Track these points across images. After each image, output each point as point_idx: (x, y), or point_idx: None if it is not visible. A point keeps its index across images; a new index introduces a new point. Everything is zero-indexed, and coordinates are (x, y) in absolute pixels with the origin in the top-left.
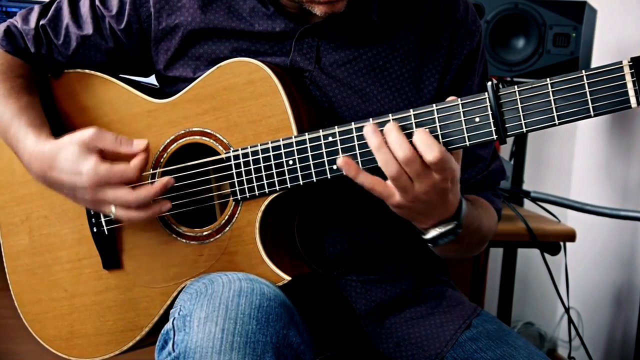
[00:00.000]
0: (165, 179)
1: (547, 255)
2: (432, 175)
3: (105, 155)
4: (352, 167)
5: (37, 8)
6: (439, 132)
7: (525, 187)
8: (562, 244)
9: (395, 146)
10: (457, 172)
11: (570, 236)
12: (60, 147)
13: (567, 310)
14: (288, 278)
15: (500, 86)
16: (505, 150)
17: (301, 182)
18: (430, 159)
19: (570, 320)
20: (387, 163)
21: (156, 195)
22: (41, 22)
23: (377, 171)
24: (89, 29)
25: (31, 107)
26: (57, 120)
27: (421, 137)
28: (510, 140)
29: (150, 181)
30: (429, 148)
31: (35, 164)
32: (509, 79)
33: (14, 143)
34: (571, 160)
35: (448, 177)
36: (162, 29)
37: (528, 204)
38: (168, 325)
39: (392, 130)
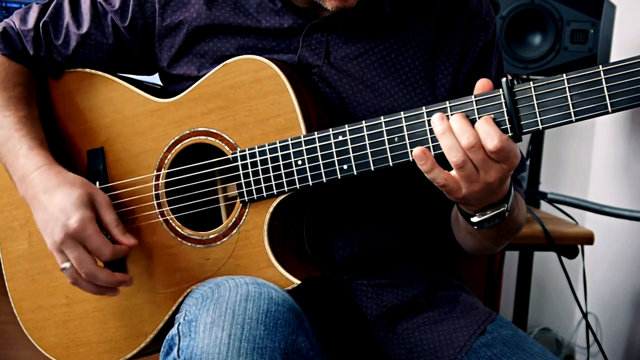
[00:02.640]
0: (127, 276)
1: (564, 259)
2: (498, 165)
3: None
4: (429, 160)
5: (35, 7)
6: None
7: (541, 188)
8: (580, 247)
9: (460, 132)
10: (519, 159)
11: (589, 239)
12: (70, 182)
13: (585, 315)
14: (297, 282)
15: (515, 82)
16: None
17: (310, 183)
18: (490, 147)
19: (588, 326)
20: (452, 148)
21: (110, 285)
22: (40, 22)
23: (390, 172)
24: (89, 27)
25: (31, 121)
26: (58, 121)
27: (482, 124)
28: (526, 139)
29: (111, 272)
30: (488, 136)
31: (34, 179)
32: (525, 76)
33: (11, 156)
34: (589, 160)
35: (514, 165)
36: (166, 25)
37: (545, 206)
38: (173, 331)
39: (458, 117)
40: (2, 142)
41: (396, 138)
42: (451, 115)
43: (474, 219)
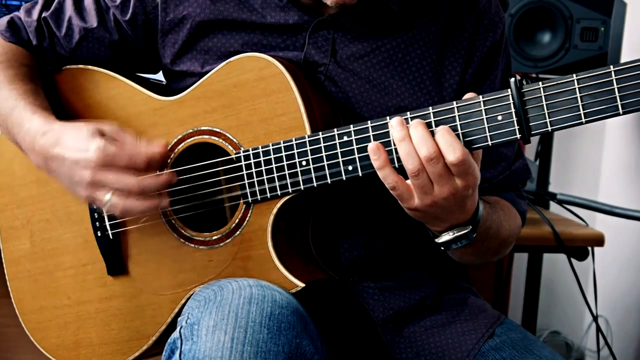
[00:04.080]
0: (171, 172)
1: (574, 261)
2: (454, 181)
3: None
4: (382, 156)
5: (40, 1)
6: (460, 131)
7: (551, 189)
8: (590, 248)
9: (419, 141)
10: (478, 180)
11: (599, 240)
12: (73, 126)
13: (595, 318)
14: (302, 284)
15: (524, 82)
16: (530, 151)
17: (315, 184)
18: (452, 159)
19: (598, 329)
20: (409, 156)
21: (160, 187)
22: (44, 14)
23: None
24: (92, 21)
25: (37, 92)
26: (60, 119)
27: (444, 135)
28: (535, 140)
29: (153, 175)
30: (450, 147)
31: (39, 141)
32: (534, 75)
33: (17, 123)
34: (599, 160)
35: (470, 185)
36: (169, 20)
37: (554, 207)
38: (175, 334)
39: (417, 126)
40: (8, 113)
41: None
42: (411, 121)
43: (438, 240)
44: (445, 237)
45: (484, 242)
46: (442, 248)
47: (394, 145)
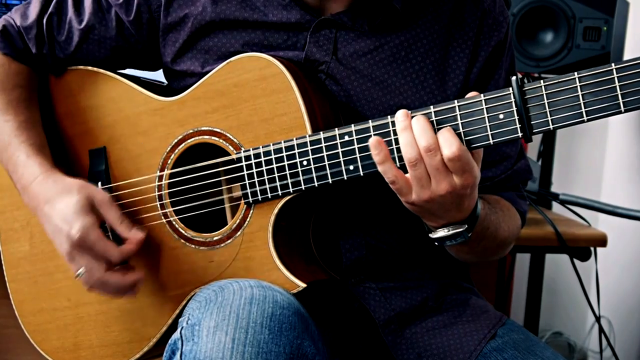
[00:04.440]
0: (139, 275)
1: (576, 261)
2: (452, 178)
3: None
4: (383, 151)
5: (35, 2)
6: (461, 130)
7: (553, 189)
8: (592, 249)
9: (419, 132)
10: (477, 179)
11: (601, 241)
12: (67, 189)
13: (597, 319)
14: (303, 285)
15: (526, 81)
16: (532, 151)
17: (316, 184)
18: (447, 153)
19: (601, 330)
20: (409, 145)
21: (123, 288)
22: (44, 17)
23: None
24: (92, 21)
25: (31, 125)
26: (59, 120)
27: (443, 132)
28: (537, 139)
29: (124, 270)
30: (447, 142)
31: (33, 189)
32: (536, 75)
33: (12, 163)
34: (602, 160)
35: (468, 184)
36: (171, 19)
37: (557, 207)
38: (176, 335)
39: (420, 118)
40: (2, 149)
41: None
42: (414, 116)
43: (433, 235)
44: (440, 233)
45: (480, 241)
46: (437, 243)
47: (395, 143)
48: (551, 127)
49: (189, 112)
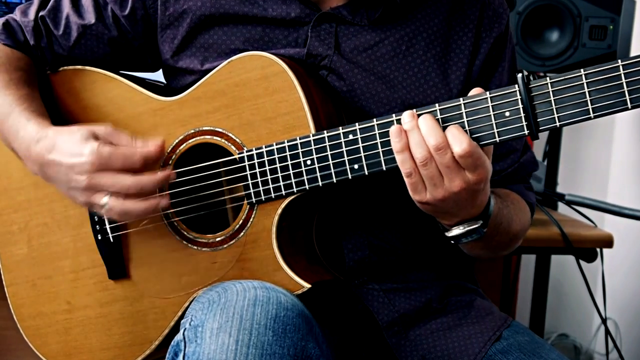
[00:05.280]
0: (169, 170)
1: (582, 262)
2: (465, 174)
3: None
4: (403, 140)
5: (36, 1)
6: (467, 128)
7: (559, 189)
8: (598, 250)
9: (427, 131)
10: (490, 173)
11: (608, 242)
12: (67, 130)
13: (604, 320)
14: (308, 285)
15: (531, 78)
16: (538, 151)
17: (320, 184)
18: (458, 150)
19: (607, 332)
20: (418, 145)
21: (158, 185)
22: (41, 13)
23: (400, 174)
24: (90, 17)
25: (32, 98)
26: (57, 120)
27: (451, 129)
28: (543, 139)
29: (149, 174)
30: (456, 139)
31: (35, 148)
32: (542, 74)
33: (12, 130)
34: (608, 160)
35: (482, 179)
36: (169, 14)
37: (562, 208)
38: (178, 337)
39: (426, 117)
40: (3, 120)
41: None
42: (420, 114)
43: (449, 233)
44: (456, 231)
45: (494, 237)
46: (452, 242)
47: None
48: (557, 124)
49: (190, 112)
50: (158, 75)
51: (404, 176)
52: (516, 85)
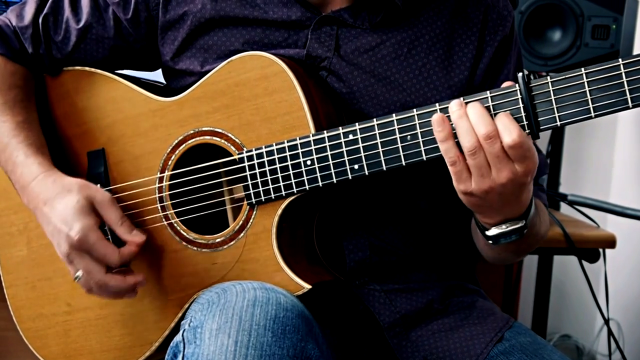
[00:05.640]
0: (140, 277)
1: (585, 263)
2: (513, 166)
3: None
4: (446, 128)
5: (31, 2)
6: None
7: (562, 189)
8: (601, 250)
9: (477, 119)
10: (537, 165)
11: (610, 242)
12: (67, 188)
13: (606, 321)
14: (308, 286)
15: (532, 77)
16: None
17: (320, 184)
18: (508, 140)
19: (610, 333)
20: (467, 133)
21: (123, 290)
22: (39, 17)
23: (402, 172)
24: (89, 20)
25: (28, 125)
26: (57, 122)
27: (501, 117)
28: (545, 139)
29: (124, 272)
30: (507, 129)
31: (32, 190)
32: (544, 73)
33: (10, 164)
34: (611, 160)
35: (529, 170)
36: (169, 17)
37: (565, 208)
38: (178, 338)
39: (475, 105)
40: (1, 150)
41: (409, 136)
42: (469, 103)
43: (489, 232)
44: (496, 230)
45: (527, 238)
46: (490, 242)
47: (401, 142)
48: (558, 123)
49: (189, 113)
50: (157, 75)
51: (448, 165)
52: (517, 85)
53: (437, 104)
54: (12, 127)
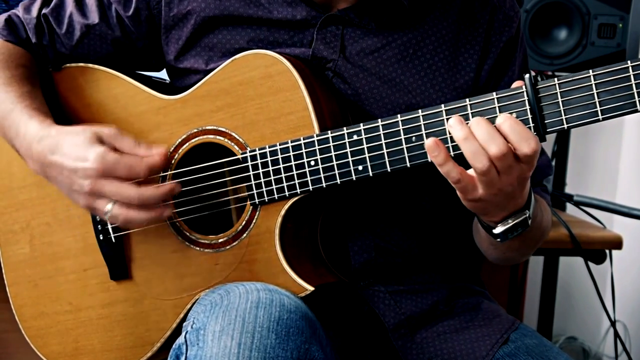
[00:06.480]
0: (173, 183)
1: (591, 264)
2: (521, 167)
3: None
4: (442, 152)
5: None
6: None
7: (567, 190)
8: (607, 251)
9: (486, 139)
10: (538, 157)
11: (617, 243)
12: (71, 131)
13: (613, 323)
14: (311, 288)
15: (539, 79)
16: (546, 151)
17: (324, 184)
18: (527, 151)
19: (616, 335)
20: (477, 154)
21: (161, 198)
22: (43, 11)
23: (407, 173)
24: (94, 17)
25: (34, 95)
26: (59, 118)
27: (513, 127)
28: (551, 139)
29: (154, 186)
30: (524, 140)
31: (36, 147)
32: (550, 73)
33: (14, 127)
34: (617, 161)
35: (533, 165)
36: (173, 15)
37: (571, 209)
38: (180, 340)
39: (480, 122)
40: (4, 116)
41: (414, 137)
42: (472, 118)
43: (496, 230)
44: (504, 226)
45: (531, 230)
46: (498, 240)
47: (405, 143)
48: (565, 126)
49: (192, 111)
50: (162, 73)
51: (451, 183)
52: (523, 86)
53: (442, 105)
54: (17, 95)
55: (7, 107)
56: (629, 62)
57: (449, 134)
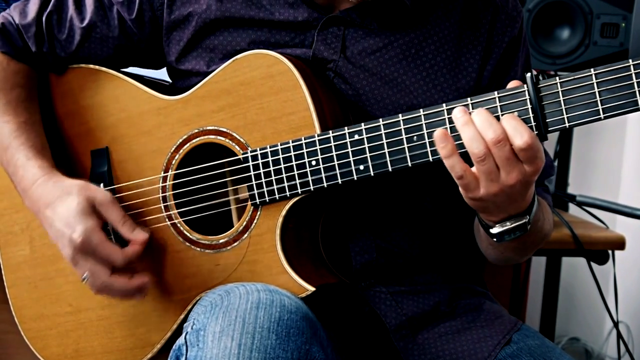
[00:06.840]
0: (145, 280)
1: (594, 265)
2: (522, 167)
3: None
4: (449, 144)
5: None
6: None
7: (570, 190)
8: (610, 252)
9: (483, 124)
10: (544, 162)
11: (620, 244)
12: (67, 191)
13: (615, 324)
14: (312, 289)
15: (541, 78)
16: (548, 151)
17: (325, 184)
18: (520, 143)
19: (619, 335)
20: (474, 140)
21: (128, 292)
22: (43, 15)
23: (408, 173)
24: (94, 19)
25: (30, 127)
26: (60, 120)
27: (508, 120)
28: (554, 139)
29: (130, 273)
30: (517, 131)
31: (34, 192)
32: (552, 72)
33: (12, 165)
34: (620, 161)
35: (538, 169)
36: (174, 17)
37: (573, 209)
38: (180, 340)
39: (480, 110)
40: (2, 151)
41: (415, 137)
42: (473, 110)
43: (493, 230)
44: (502, 227)
45: (530, 234)
46: (495, 240)
47: (407, 142)
48: (567, 125)
49: (193, 111)
50: (163, 73)
51: (455, 178)
52: (525, 85)
53: (444, 105)
54: (13, 129)
55: (4, 142)
56: (630, 60)
57: (451, 132)
